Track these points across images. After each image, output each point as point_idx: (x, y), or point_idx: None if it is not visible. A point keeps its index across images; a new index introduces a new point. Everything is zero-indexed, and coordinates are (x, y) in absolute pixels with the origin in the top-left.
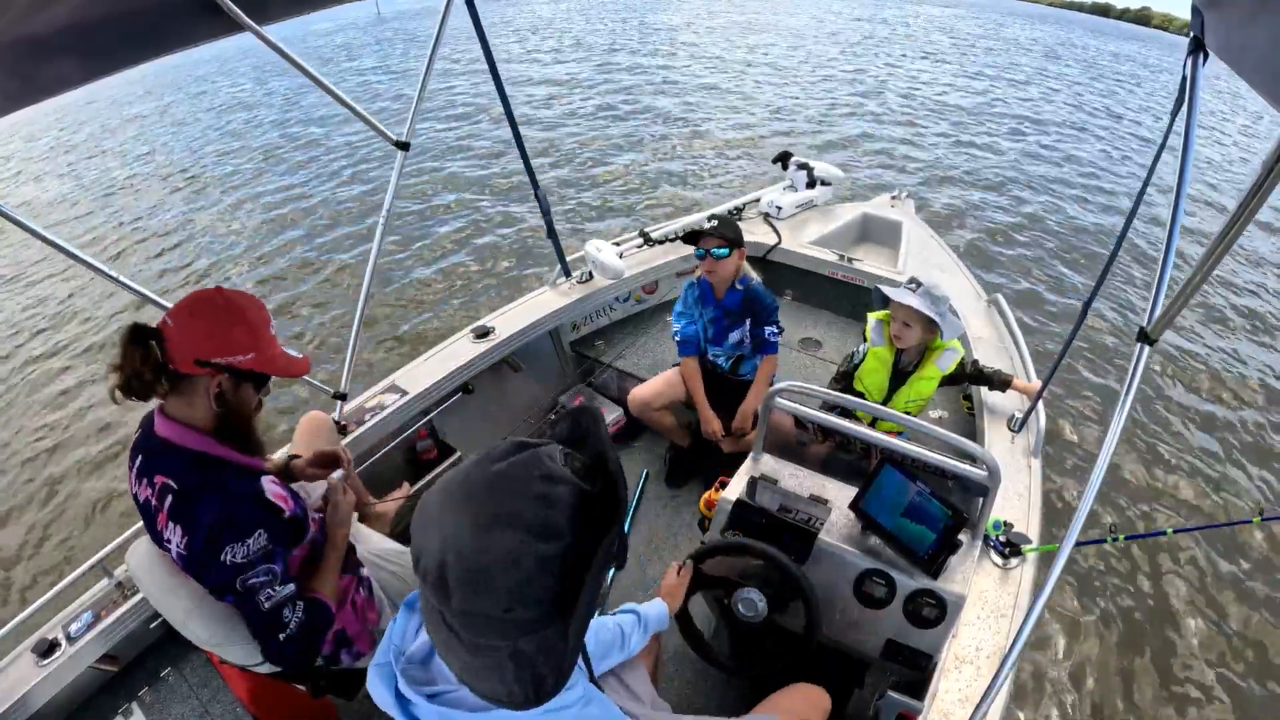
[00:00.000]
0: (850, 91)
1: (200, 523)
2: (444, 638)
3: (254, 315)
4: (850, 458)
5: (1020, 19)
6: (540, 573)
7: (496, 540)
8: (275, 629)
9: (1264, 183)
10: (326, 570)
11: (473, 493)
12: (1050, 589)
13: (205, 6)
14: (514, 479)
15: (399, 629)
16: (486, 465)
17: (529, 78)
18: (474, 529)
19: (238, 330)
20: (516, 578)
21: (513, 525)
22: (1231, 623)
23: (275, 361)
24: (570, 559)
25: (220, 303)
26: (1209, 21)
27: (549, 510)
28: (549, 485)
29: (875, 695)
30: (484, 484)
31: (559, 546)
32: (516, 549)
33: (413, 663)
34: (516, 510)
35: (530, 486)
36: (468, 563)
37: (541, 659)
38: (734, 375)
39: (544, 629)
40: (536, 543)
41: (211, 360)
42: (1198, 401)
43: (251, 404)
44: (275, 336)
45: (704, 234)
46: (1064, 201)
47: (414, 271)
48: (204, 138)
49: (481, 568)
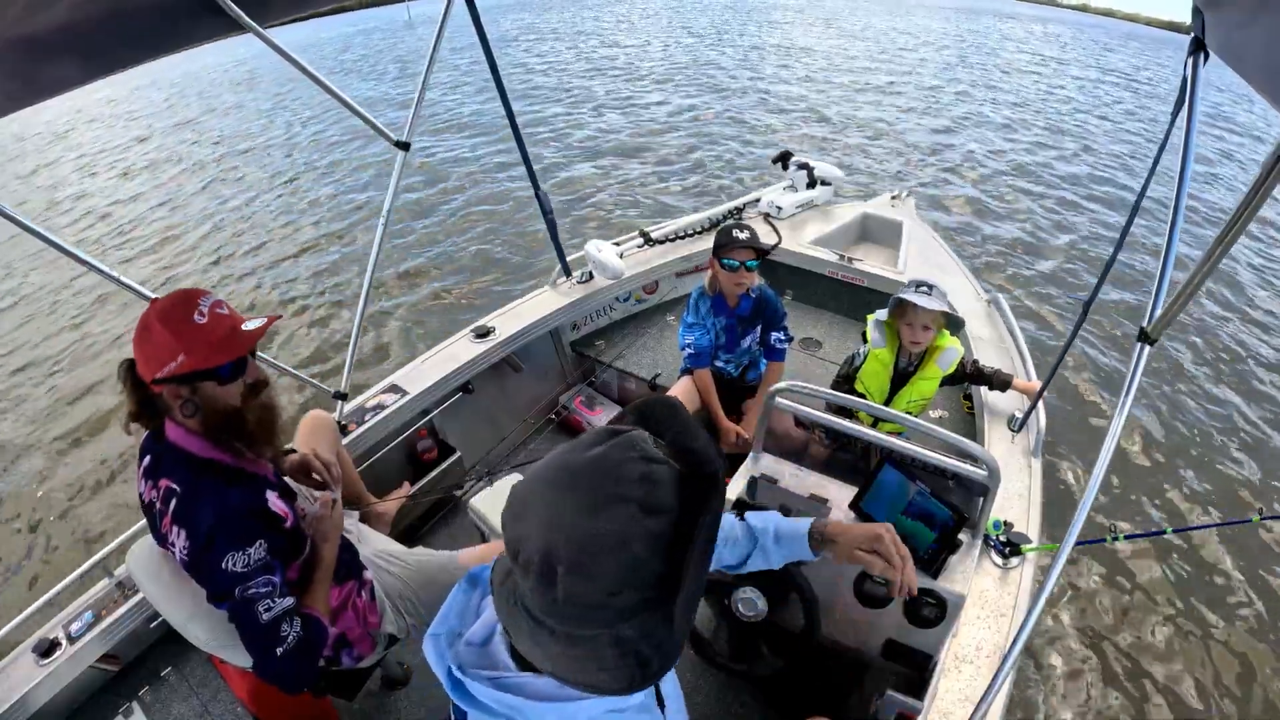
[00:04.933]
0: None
1: (200, 528)
2: (529, 629)
3: (169, 314)
4: (850, 457)
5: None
6: (649, 553)
7: (605, 521)
8: (273, 643)
9: (1264, 183)
10: (316, 585)
11: (576, 476)
12: (1050, 589)
13: (205, 6)
14: (616, 461)
15: (458, 606)
16: (582, 450)
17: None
18: (580, 511)
19: (155, 340)
20: (626, 558)
21: (623, 503)
22: (1232, 622)
23: (212, 351)
24: (675, 537)
25: (141, 319)
26: (1209, 21)
27: (653, 487)
28: (648, 465)
29: (875, 695)
30: (586, 467)
31: (665, 523)
32: (626, 528)
33: (471, 645)
34: (622, 491)
35: (633, 468)
36: (577, 545)
37: (644, 643)
38: (742, 381)
39: (646, 612)
40: (645, 519)
41: (158, 378)
42: (1197, 401)
43: (227, 399)
44: (206, 323)
45: (740, 246)
46: (1064, 201)
47: (414, 272)
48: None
49: (585, 554)
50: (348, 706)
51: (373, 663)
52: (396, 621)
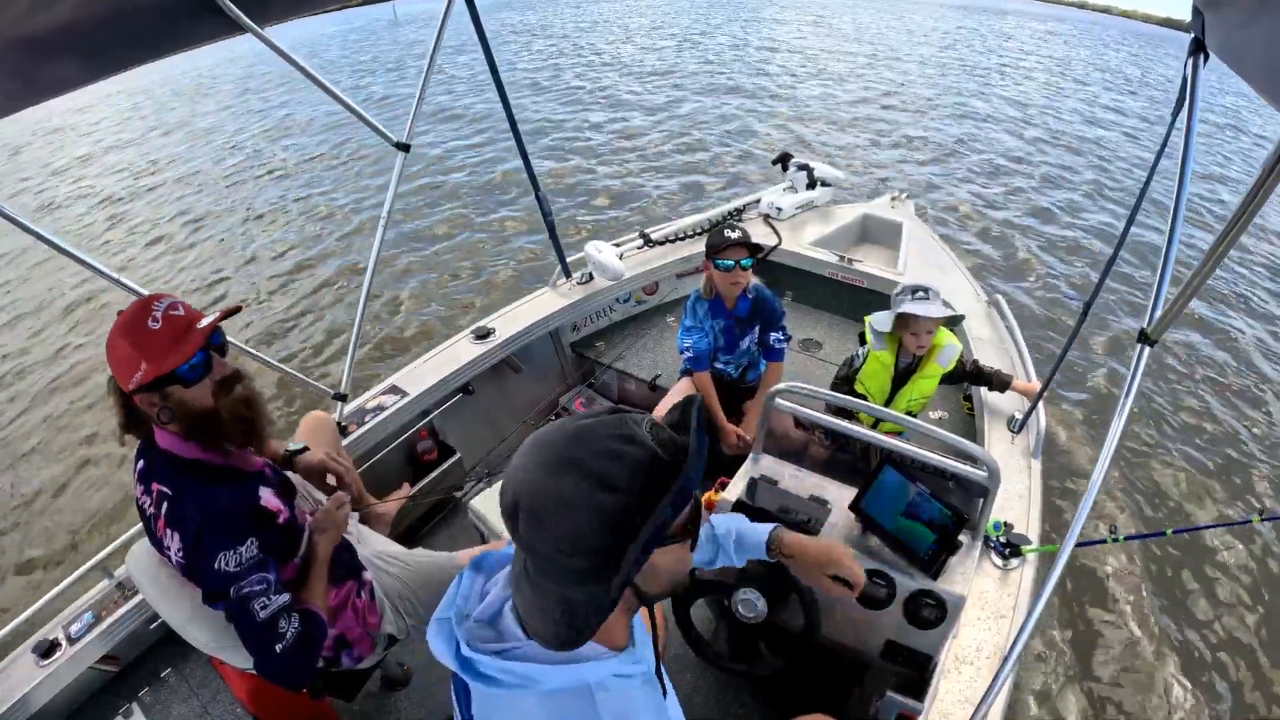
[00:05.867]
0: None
1: (190, 529)
2: (519, 570)
3: (128, 326)
4: (850, 458)
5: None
6: (596, 524)
7: (557, 483)
8: (271, 640)
9: (1264, 183)
10: (312, 580)
11: (554, 439)
12: (1050, 589)
13: (205, 7)
14: (592, 432)
15: (464, 589)
16: (578, 419)
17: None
18: (542, 469)
19: (119, 353)
20: (572, 522)
21: (580, 472)
22: (1232, 622)
23: (165, 355)
24: (623, 518)
25: (110, 334)
26: (1209, 22)
27: (613, 463)
28: (622, 444)
29: (875, 696)
30: (566, 432)
31: (616, 501)
32: (574, 494)
33: (480, 622)
34: (581, 458)
35: (604, 442)
36: (536, 498)
37: (589, 612)
38: (742, 382)
39: (595, 584)
40: (596, 491)
41: (130, 389)
42: (1198, 401)
43: (199, 401)
44: (160, 328)
45: (732, 245)
46: (1064, 201)
47: (415, 272)
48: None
49: (540, 507)
50: (347, 707)
51: (372, 663)
52: (396, 622)
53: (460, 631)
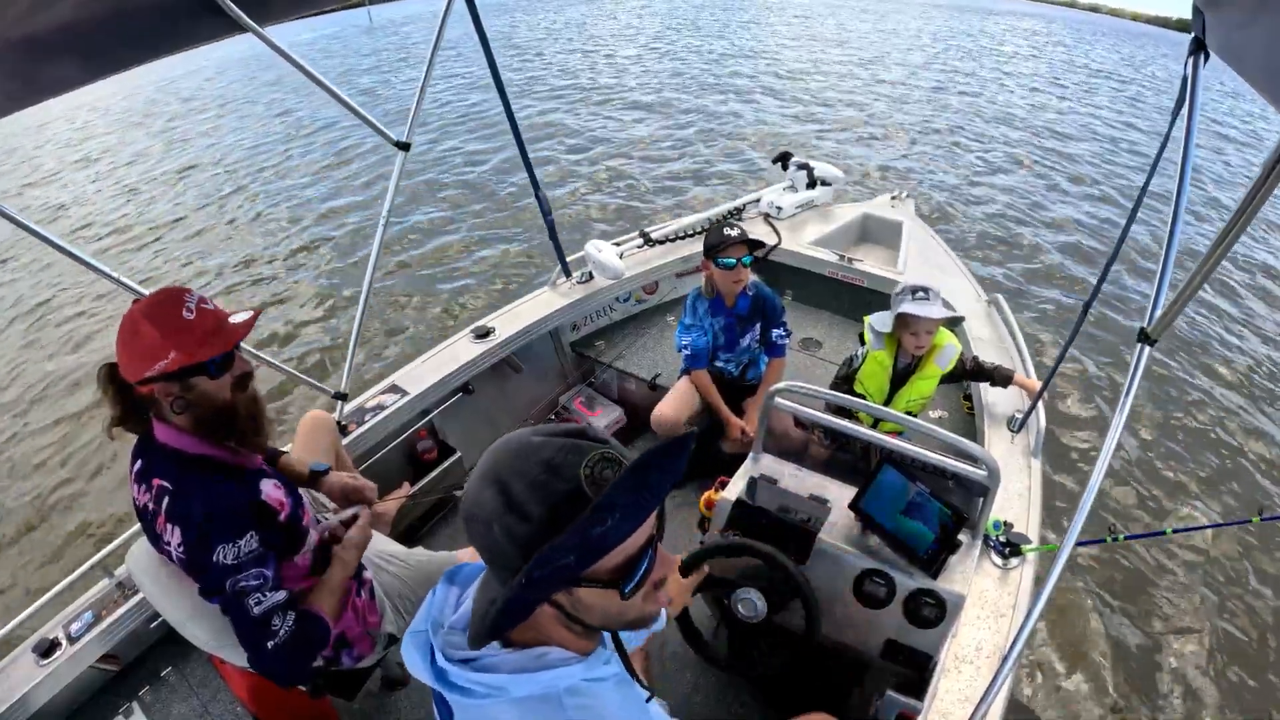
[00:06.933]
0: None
1: (192, 521)
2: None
3: (156, 312)
4: (850, 458)
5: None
6: (507, 542)
7: (479, 494)
8: (264, 636)
9: (1264, 183)
10: (327, 586)
11: (501, 449)
12: (1050, 589)
13: (205, 7)
14: (533, 453)
15: (439, 600)
16: (535, 432)
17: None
18: (479, 476)
19: (144, 339)
20: (489, 537)
21: (497, 488)
22: (1232, 621)
23: (202, 346)
24: (530, 543)
25: (126, 320)
26: (1210, 22)
27: (533, 492)
28: (549, 475)
29: (875, 695)
30: (511, 446)
31: (526, 529)
32: (490, 510)
33: (454, 630)
34: (507, 479)
35: (534, 468)
36: (465, 502)
37: (500, 613)
38: (743, 380)
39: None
40: (506, 514)
41: (146, 377)
42: (1198, 401)
43: (219, 395)
44: (195, 319)
45: (732, 243)
46: (1065, 201)
47: (415, 271)
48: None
49: (467, 512)
50: (347, 706)
51: (372, 663)
52: (396, 621)
53: (436, 640)
